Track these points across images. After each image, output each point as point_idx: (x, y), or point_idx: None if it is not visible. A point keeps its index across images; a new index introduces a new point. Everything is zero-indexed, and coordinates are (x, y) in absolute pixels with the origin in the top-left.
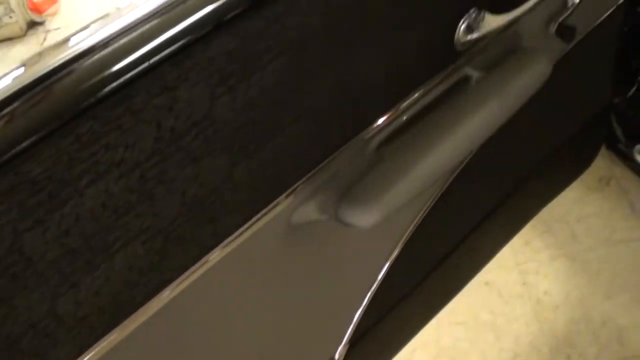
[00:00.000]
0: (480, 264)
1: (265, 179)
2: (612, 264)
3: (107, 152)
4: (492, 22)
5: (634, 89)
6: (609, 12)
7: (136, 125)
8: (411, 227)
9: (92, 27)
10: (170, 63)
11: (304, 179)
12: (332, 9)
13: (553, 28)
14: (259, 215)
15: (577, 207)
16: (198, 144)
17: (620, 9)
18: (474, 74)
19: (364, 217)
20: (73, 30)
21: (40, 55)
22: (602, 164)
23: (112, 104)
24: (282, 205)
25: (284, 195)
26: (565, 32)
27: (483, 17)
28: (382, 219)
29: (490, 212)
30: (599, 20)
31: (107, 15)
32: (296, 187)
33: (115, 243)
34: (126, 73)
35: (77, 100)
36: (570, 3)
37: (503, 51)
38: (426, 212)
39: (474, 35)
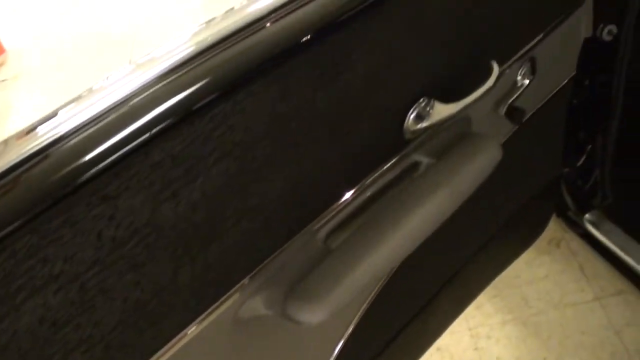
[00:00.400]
0: (435, 335)
1: (210, 279)
2: (563, 327)
3: (44, 266)
4: (443, 110)
5: (583, 158)
6: (557, 88)
7: (75, 236)
8: (364, 306)
9: (59, 115)
10: (112, 172)
11: (249, 275)
12: (278, 110)
13: (503, 110)
14: (203, 315)
15: (528, 270)
16: (140, 250)
17: (569, 84)
18: (424, 160)
19: (311, 315)
20: (20, 83)
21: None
22: (552, 226)
23: (50, 217)
24: (227, 303)
25: (229, 293)
26: (514, 113)
27: (433, 106)
28: (331, 314)
29: (444, 285)
30: (548, 97)
31: (76, 99)
32: (242, 284)
33: (53, 356)
34: (66, 185)
35: (15, 216)
36: (519, 84)
37: (453, 137)
38: (379, 290)
39: (424, 124)
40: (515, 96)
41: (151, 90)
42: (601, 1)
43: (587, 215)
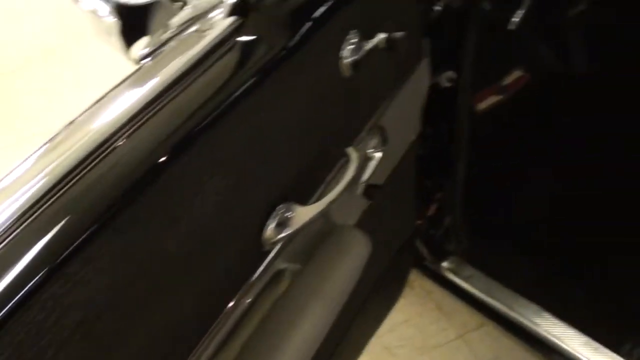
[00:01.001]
0: None
1: None
2: None
3: None
4: (305, 213)
5: (433, 208)
6: (407, 148)
7: None
8: None
9: None
10: None
11: None
12: (121, 272)
13: (358, 190)
14: None
15: (386, 318)
16: None
17: (417, 140)
18: (289, 267)
19: None
20: None
21: None
22: None
23: None
24: None
25: None
26: (370, 190)
27: (294, 210)
28: None
29: None
30: (399, 159)
31: None
32: None
33: None
34: None
35: None
36: (370, 157)
37: (314, 235)
38: None
39: (287, 232)
40: (369, 174)
41: None
42: (439, 48)
43: (444, 263)
